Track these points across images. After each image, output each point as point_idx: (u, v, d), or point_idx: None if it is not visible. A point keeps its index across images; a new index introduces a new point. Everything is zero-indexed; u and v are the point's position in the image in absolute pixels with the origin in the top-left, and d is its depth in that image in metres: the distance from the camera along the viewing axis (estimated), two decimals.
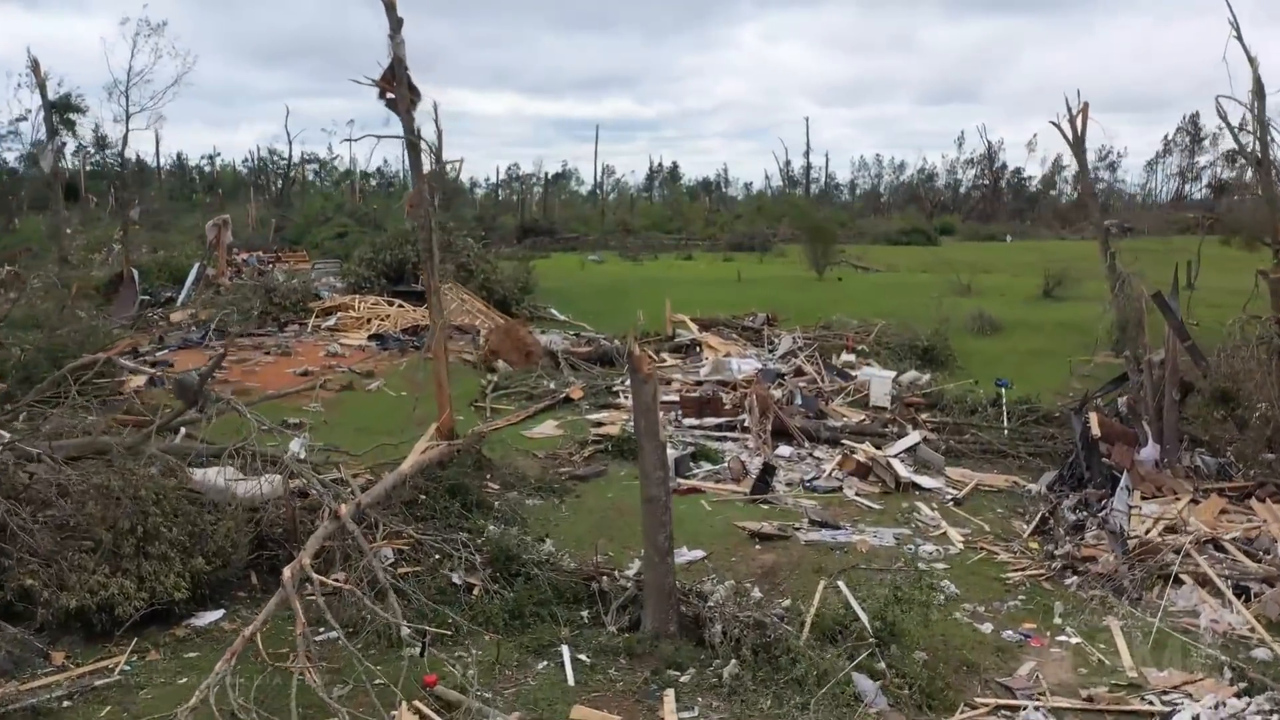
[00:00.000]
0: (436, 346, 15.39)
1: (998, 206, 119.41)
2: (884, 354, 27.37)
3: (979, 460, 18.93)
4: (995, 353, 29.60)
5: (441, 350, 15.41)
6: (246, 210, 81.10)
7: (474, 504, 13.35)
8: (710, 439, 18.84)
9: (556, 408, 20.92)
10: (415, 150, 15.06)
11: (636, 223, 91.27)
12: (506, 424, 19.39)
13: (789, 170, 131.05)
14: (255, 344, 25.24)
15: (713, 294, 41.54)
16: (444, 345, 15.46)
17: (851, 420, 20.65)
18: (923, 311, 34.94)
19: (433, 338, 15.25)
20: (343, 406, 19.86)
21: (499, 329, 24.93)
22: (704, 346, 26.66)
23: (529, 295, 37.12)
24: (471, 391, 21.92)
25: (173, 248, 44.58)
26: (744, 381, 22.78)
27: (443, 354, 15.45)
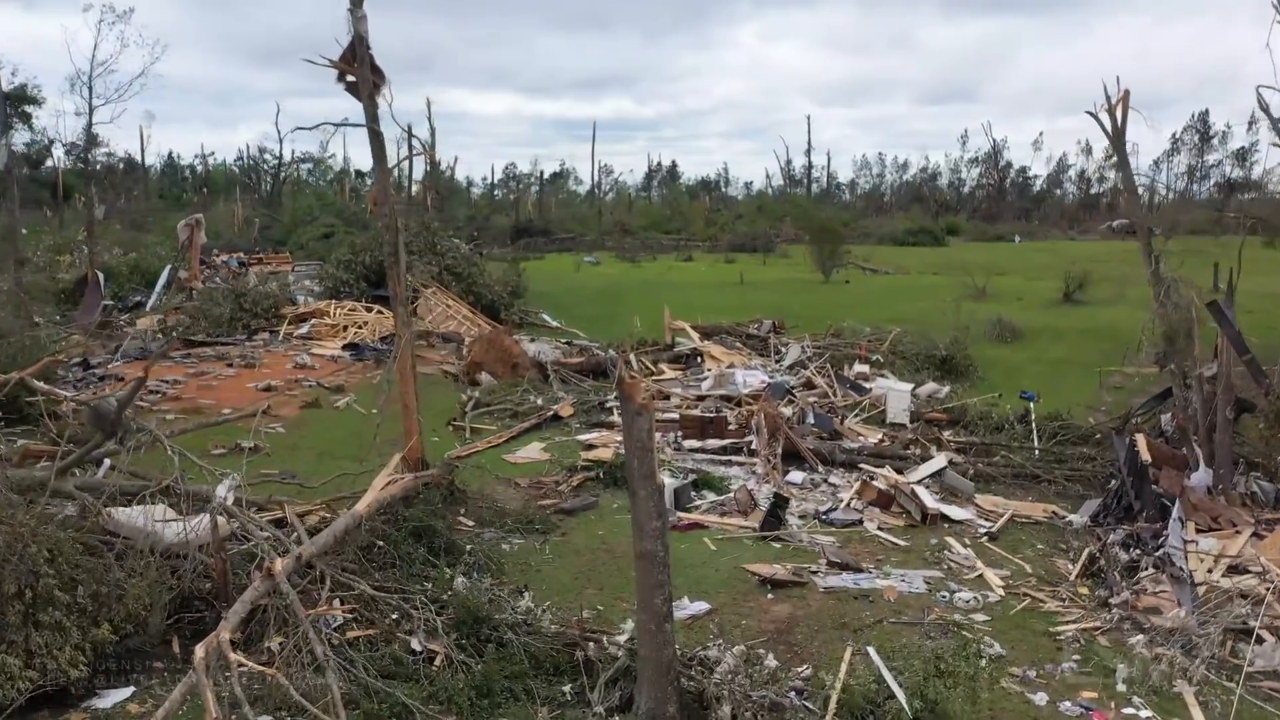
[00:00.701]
0: (403, 362, 13.72)
1: (1003, 206, 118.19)
2: (899, 364, 25.76)
3: (1010, 486, 17.30)
4: (1017, 362, 28.01)
5: (408, 367, 13.73)
6: (232, 210, 79.76)
7: (442, 548, 11.67)
8: (713, 463, 17.20)
9: (543, 427, 19.23)
10: (378, 141, 13.37)
11: (634, 223, 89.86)
12: (487, 446, 17.71)
13: (790, 169, 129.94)
14: (218, 354, 23.57)
15: (714, 298, 40.03)
16: (411, 361, 13.78)
17: (869, 441, 18.99)
18: (937, 317, 33.37)
19: (398, 352, 13.56)
20: (306, 426, 18.18)
21: (482, 338, 23.25)
22: (705, 357, 25.00)
23: (519, 300, 35.45)
24: (450, 408, 20.29)
25: (145, 249, 42.77)
26: (750, 397, 21.13)
27: (410, 372, 13.77)
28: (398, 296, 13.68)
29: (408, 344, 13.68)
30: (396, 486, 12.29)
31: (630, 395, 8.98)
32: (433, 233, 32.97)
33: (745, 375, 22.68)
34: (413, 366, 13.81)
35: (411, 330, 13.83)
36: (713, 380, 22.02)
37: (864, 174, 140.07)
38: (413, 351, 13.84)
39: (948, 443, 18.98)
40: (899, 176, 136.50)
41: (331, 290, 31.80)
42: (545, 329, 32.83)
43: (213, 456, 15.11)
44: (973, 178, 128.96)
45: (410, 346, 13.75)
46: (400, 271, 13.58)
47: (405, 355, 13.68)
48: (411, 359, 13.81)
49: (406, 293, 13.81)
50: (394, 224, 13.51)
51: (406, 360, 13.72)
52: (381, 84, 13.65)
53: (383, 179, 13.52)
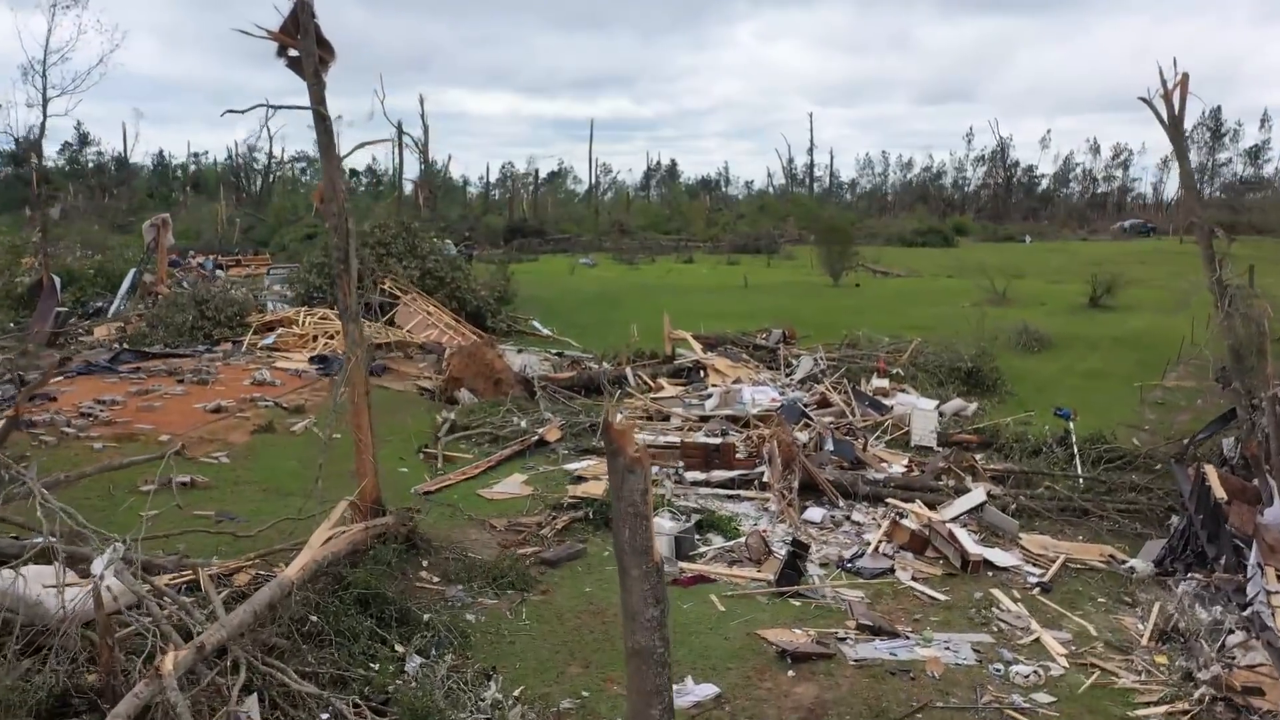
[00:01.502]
0: (355, 389, 11.78)
1: (1009, 205, 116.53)
2: (921, 378, 23.87)
3: (1057, 522, 15.45)
4: (1047, 374, 26.15)
5: (361, 394, 11.79)
6: (215, 210, 78.07)
7: (394, 619, 9.72)
8: (719, 498, 15.26)
9: (527, 454, 17.24)
10: (324, 126, 11.46)
11: (633, 223, 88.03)
12: (460, 479, 15.72)
13: (792, 168, 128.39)
14: (171, 369, 21.58)
15: (717, 303, 38.18)
16: (364, 387, 11.84)
17: (896, 470, 17.07)
18: (957, 323, 31.56)
19: (347, 376, 11.62)
20: (256, 455, 16.20)
21: (462, 351, 21.27)
22: (709, 371, 23.05)
23: (507, 306, 33.47)
24: (423, 431, 18.35)
25: (111, 250, 40.80)
26: (759, 418, 19.21)
27: (363, 400, 11.83)
28: (348, 310, 11.74)
29: (359, 366, 11.73)
30: (341, 541, 10.35)
31: (620, 446, 7.05)
32: (413, 234, 30.97)
33: (753, 392, 20.78)
34: (366, 393, 11.87)
35: (364, 350, 11.89)
36: (718, 398, 20.09)
37: (866, 173, 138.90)
38: (366, 375, 11.89)
39: (983, 471, 17.05)
40: (903, 175, 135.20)
41: (303, 296, 29.83)
42: (535, 338, 30.88)
43: (140, 494, 13.21)
44: (978, 177, 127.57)
45: (363, 369, 11.80)
46: (351, 281, 11.65)
47: (357, 380, 11.74)
48: (365, 384, 11.87)
49: (359, 305, 11.85)
50: (344, 225, 11.57)
51: (359, 386, 11.77)
52: (330, 60, 11.74)
53: (331, 172, 11.57)
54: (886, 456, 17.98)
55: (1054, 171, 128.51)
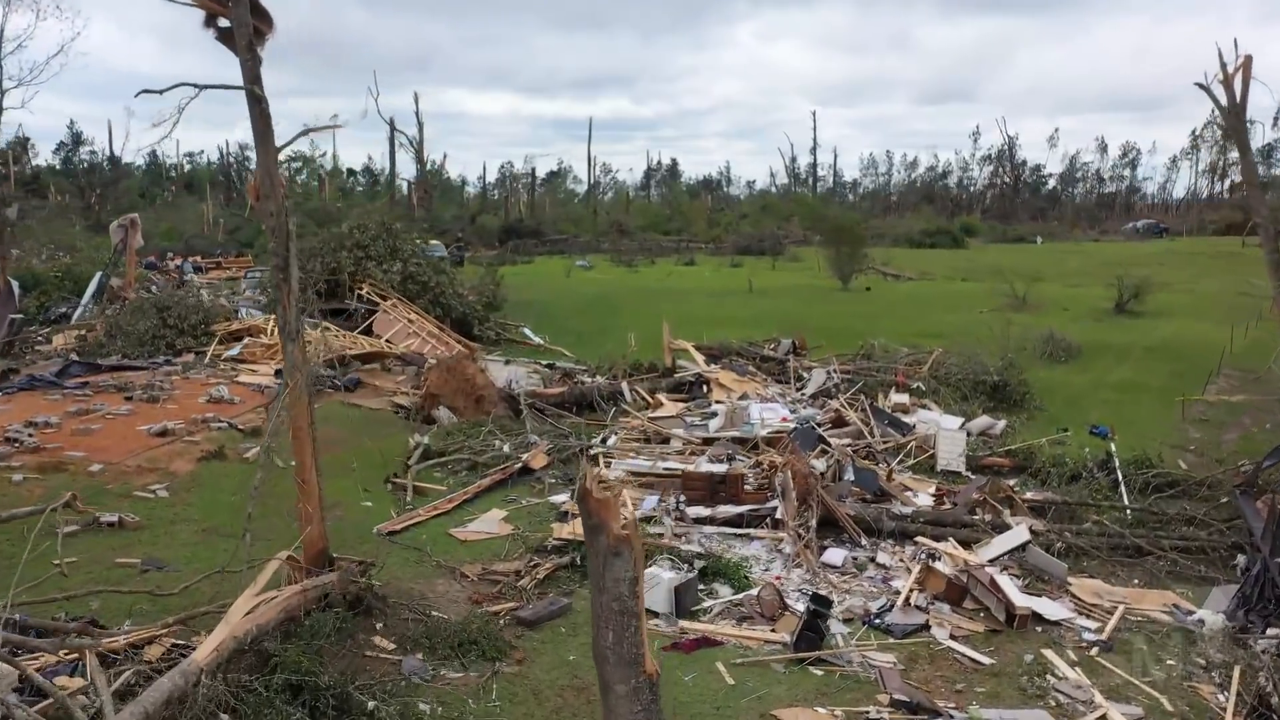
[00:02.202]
0: (296, 418, 10.06)
1: (1017, 205, 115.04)
2: (944, 392, 22.15)
3: (1108, 561, 13.75)
4: (1078, 387, 24.47)
5: (305, 425, 10.08)
6: (201, 210, 76.63)
7: (329, 710, 8.01)
8: (726, 536, 13.53)
9: (509, 483, 15.52)
10: (260, 109, 9.75)
11: (632, 223, 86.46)
12: (431, 515, 13.97)
13: (795, 167, 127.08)
14: (121, 383, 19.85)
15: (720, 308, 36.55)
16: (308, 416, 10.12)
17: (923, 501, 15.38)
18: (977, 331, 29.93)
19: (282, 402, 9.90)
20: (200, 487, 14.43)
21: (441, 365, 19.49)
22: (713, 385, 21.31)
23: (496, 312, 31.74)
24: (396, 455, 16.62)
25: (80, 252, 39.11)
26: (769, 439, 17.51)
27: (306, 432, 10.11)
28: (288, 327, 10.03)
29: (301, 394, 10.02)
30: (271, 610, 8.64)
31: (602, 521, 5.39)
32: (395, 234, 29.19)
33: (762, 410, 19.06)
34: (310, 424, 10.15)
35: (307, 375, 10.18)
36: (723, 418, 18.35)
37: (870, 173, 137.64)
38: (310, 404, 10.17)
39: (1020, 502, 15.32)
40: (907, 175, 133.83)
41: (275, 302, 28.09)
42: (525, 347, 29.13)
43: (59, 537, 11.48)
44: (984, 176, 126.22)
45: (305, 395, 10.08)
46: (291, 292, 9.95)
47: (299, 412, 10.02)
48: (309, 413, 10.15)
49: (300, 321, 10.14)
50: (283, 226, 9.87)
51: (302, 416, 10.06)
52: (267, 32, 10.04)
53: (268, 163, 9.86)
54: (912, 484, 16.29)
55: (1060, 171, 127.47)
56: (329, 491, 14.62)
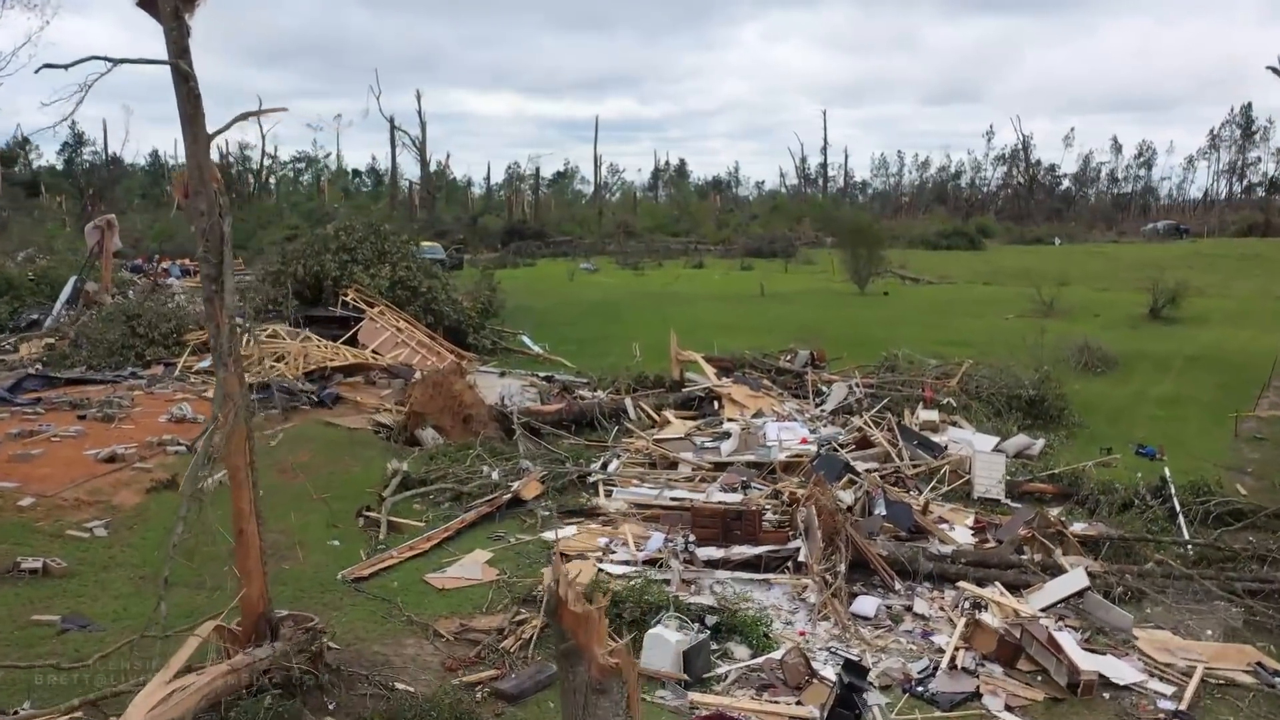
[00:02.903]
0: (233, 456, 8.50)
1: (1031, 206, 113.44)
2: (976, 408, 20.56)
3: (1175, 607, 12.15)
4: (1118, 401, 22.92)
5: (243, 464, 8.52)
6: None
7: None
8: (742, 582, 11.93)
9: (497, 516, 13.91)
10: (188, 90, 8.21)
11: (638, 224, 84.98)
12: (405, 557, 12.35)
13: (805, 167, 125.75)
14: (77, 399, 18.33)
15: (730, 314, 35.04)
16: (248, 456, 8.57)
17: (961, 535, 13.80)
18: (1005, 339, 28.40)
19: (207, 442, 8.33)
20: (146, 523, 12.83)
21: (426, 381, 17.86)
22: (724, 401, 19.71)
23: (492, 319, 30.14)
24: (373, 483, 15.04)
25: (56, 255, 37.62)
26: (787, 464, 15.95)
27: (245, 472, 8.55)
28: (220, 348, 8.47)
29: (239, 430, 8.46)
30: (189, 698, 7.08)
31: (581, 647, 3.83)
32: (383, 237, 27.59)
33: (779, 430, 17.48)
34: (249, 465, 8.59)
35: (244, 404, 8.62)
36: (736, 439, 16.77)
37: (880, 173, 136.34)
38: (249, 441, 8.61)
39: (1072, 538, 13.71)
40: (919, 175, 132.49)
41: (256, 309, 26.52)
42: (523, 356, 27.54)
43: None
44: (997, 177, 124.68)
45: (243, 425, 8.51)
46: (223, 306, 8.39)
47: (235, 446, 8.46)
48: (247, 451, 8.59)
49: (234, 342, 8.58)
50: (216, 228, 8.32)
51: (238, 454, 8.49)
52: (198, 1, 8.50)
53: (198, 153, 8.31)
54: (947, 515, 14.71)
55: (1074, 171, 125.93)
56: (293, 525, 13.13)
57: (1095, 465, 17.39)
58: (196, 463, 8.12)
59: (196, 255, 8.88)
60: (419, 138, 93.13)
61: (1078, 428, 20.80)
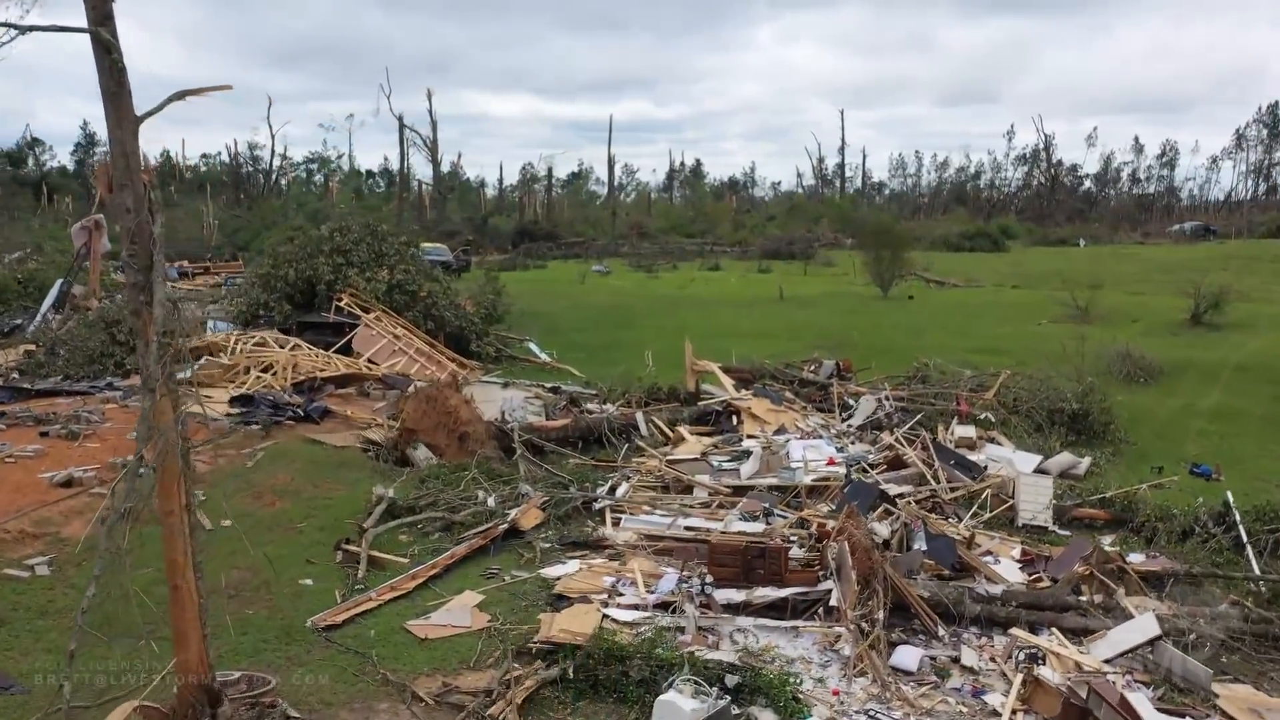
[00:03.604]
0: (164, 496, 7.25)
1: (1053, 206, 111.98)
2: (1014, 422, 19.21)
3: (1256, 658, 10.82)
4: (1165, 415, 21.54)
5: (177, 505, 7.25)
6: (200, 210, 74.55)
7: None
8: (767, 630, 10.58)
9: (492, 549, 12.57)
10: (112, 62, 6.96)
11: (653, 225, 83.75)
12: (387, 597, 11.03)
13: (822, 168, 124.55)
14: (45, 411, 17.11)
15: (748, 320, 33.75)
16: (183, 497, 7.31)
17: (1010, 574, 12.45)
18: (1040, 344, 27.00)
19: (129, 484, 7.07)
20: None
21: (419, 396, 16.54)
22: (744, 416, 18.38)
23: (498, 325, 28.86)
24: (357, 509, 13.75)
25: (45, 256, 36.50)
26: (813, 487, 14.64)
27: (179, 515, 7.29)
28: (147, 370, 7.21)
29: (173, 465, 7.19)
30: None
31: None
32: (379, 238, 26.31)
33: (804, 449, 16.16)
34: (186, 505, 7.33)
35: (176, 435, 7.36)
36: (757, 460, 15.45)
37: (898, 174, 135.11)
38: (185, 479, 7.35)
39: (1134, 576, 12.36)
40: (938, 176, 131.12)
41: (245, 314, 25.27)
42: (530, 365, 26.21)
43: None
44: (1018, 177, 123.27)
45: (178, 470, 7.25)
46: (152, 319, 7.14)
47: (168, 488, 7.20)
48: (183, 493, 7.33)
49: (167, 359, 7.31)
50: (146, 227, 7.06)
51: (172, 496, 7.23)
52: None
53: (125, 139, 7.06)
54: (993, 547, 13.36)
55: (1095, 171, 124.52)
56: (262, 562, 11.85)
57: (1149, 487, 16.06)
58: (114, 515, 6.84)
59: (122, 259, 7.59)
60: (430, 137, 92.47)
61: (1124, 444, 19.46)
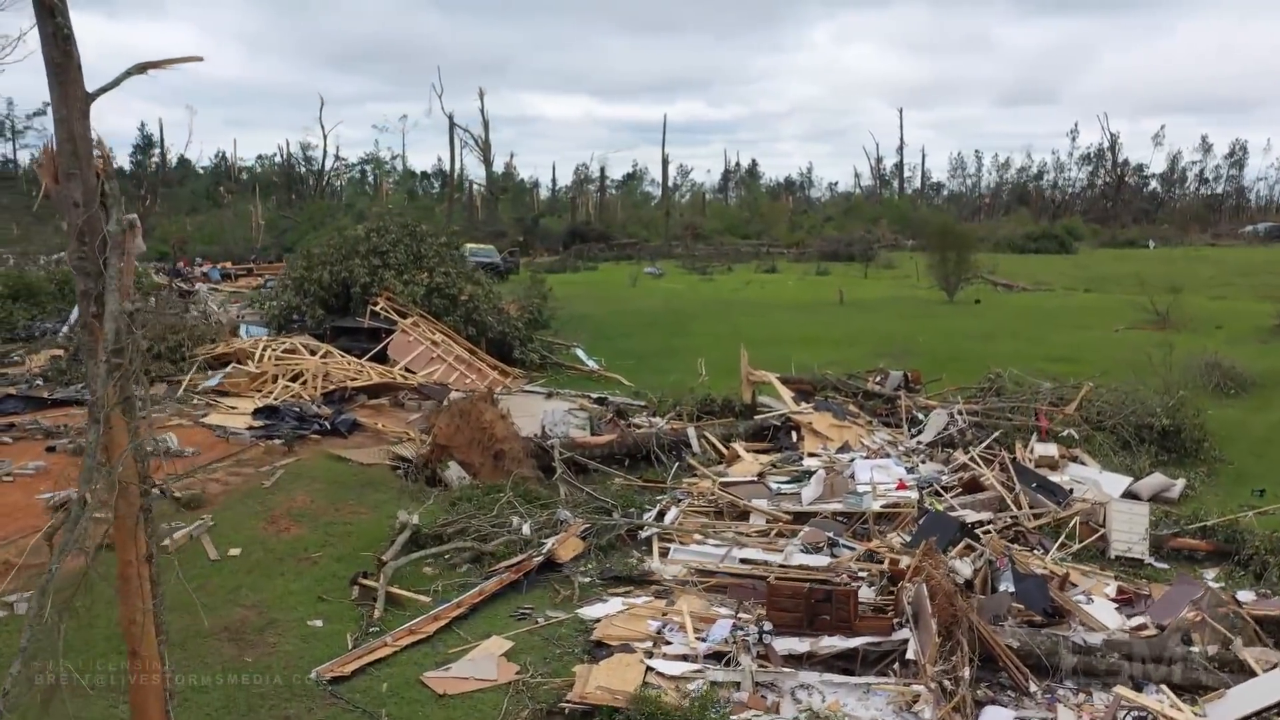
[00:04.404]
0: (122, 553, 6.14)
1: (1120, 207, 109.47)
2: (1099, 440, 17.77)
3: None
4: (1260, 430, 20.01)
5: (131, 559, 6.15)
6: (249, 211, 74.42)
7: None
8: (833, 686, 9.30)
9: (524, 585, 11.37)
10: (54, 25, 5.86)
11: (707, 226, 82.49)
12: (405, 641, 9.87)
13: (880, 168, 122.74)
14: (56, 423, 16.20)
15: (807, 325, 32.38)
16: (144, 545, 6.20)
17: (1107, 617, 11.09)
18: (1120, 353, 25.51)
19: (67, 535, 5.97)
20: (88, 592, 10.46)
21: (452, 410, 15.39)
22: (804, 431, 17.11)
23: (543, 330, 27.70)
24: (380, 534, 12.63)
25: None
26: (883, 514, 13.35)
27: (140, 571, 6.18)
28: (95, 400, 6.11)
29: (130, 509, 6.08)
30: None
31: None
32: (418, 239, 25.23)
33: (871, 469, 14.87)
34: (148, 556, 6.23)
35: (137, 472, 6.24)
36: (820, 483, 14.17)
37: (958, 174, 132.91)
38: (147, 528, 6.25)
39: (1250, 622, 10.95)
40: (998, 176, 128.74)
41: (278, 319, 24.30)
42: (576, 373, 25.00)
43: None
44: (1082, 177, 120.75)
45: (137, 520, 6.14)
46: (103, 339, 6.04)
47: (122, 539, 6.10)
48: (144, 541, 6.22)
49: (124, 387, 6.21)
50: (97, 223, 5.97)
51: (129, 546, 6.12)
52: None
53: (72, 120, 5.96)
54: (1085, 585, 12.00)
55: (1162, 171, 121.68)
56: (271, 595, 10.76)
57: (1255, 514, 14.61)
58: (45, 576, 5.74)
59: (69, 262, 6.48)
60: (481, 137, 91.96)
61: (1219, 463, 17.95)
